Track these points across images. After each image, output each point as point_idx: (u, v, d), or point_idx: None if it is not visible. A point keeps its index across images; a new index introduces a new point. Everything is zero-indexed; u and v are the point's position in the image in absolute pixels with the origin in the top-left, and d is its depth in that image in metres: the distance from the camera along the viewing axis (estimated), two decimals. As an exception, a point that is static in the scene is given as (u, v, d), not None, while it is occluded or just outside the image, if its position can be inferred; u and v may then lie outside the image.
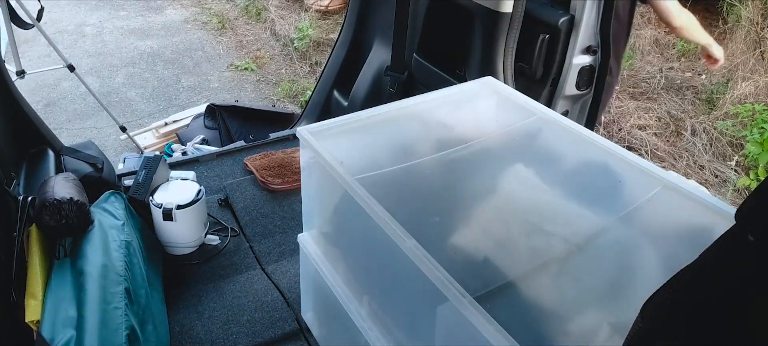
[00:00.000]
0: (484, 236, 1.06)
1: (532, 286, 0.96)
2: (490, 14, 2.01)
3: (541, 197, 1.17)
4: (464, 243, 1.06)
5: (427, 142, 1.35)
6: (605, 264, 1.03)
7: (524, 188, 1.19)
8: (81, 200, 1.61)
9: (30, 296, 1.44)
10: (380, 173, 1.20)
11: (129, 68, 4.53)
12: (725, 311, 0.60)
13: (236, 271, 1.96)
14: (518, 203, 1.15)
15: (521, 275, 0.97)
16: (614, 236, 1.06)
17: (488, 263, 1.00)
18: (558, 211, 1.12)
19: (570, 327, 0.92)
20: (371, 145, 1.36)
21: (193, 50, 4.90)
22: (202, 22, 5.41)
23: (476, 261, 1.01)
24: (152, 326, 1.58)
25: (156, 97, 4.16)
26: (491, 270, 0.98)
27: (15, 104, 2.06)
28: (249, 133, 3.13)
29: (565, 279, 1.00)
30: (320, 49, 4.81)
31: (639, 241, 1.07)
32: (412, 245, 0.99)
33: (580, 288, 0.99)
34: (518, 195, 1.16)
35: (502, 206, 1.15)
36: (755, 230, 0.57)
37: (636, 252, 1.05)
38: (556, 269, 1.00)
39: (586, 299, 0.97)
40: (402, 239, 1.00)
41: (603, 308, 0.95)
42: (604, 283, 1.00)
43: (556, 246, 1.03)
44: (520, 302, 0.94)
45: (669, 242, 1.05)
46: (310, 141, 1.27)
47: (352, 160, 1.21)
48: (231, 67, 4.66)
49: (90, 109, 3.90)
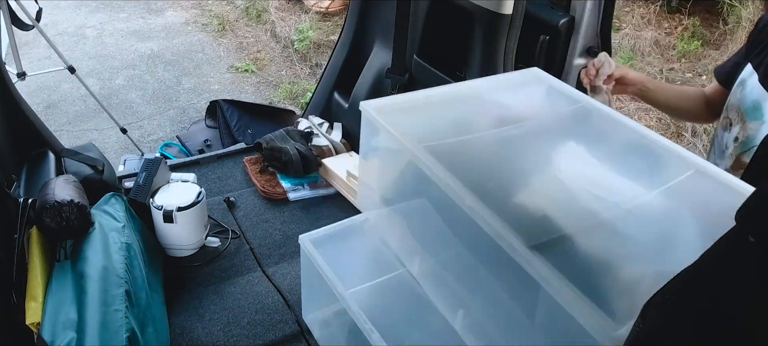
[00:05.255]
0: (541, 197, 1.16)
1: (587, 239, 1.06)
2: (491, 16, 2.01)
3: (592, 170, 1.28)
4: (524, 202, 1.16)
5: (482, 120, 1.46)
6: (650, 226, 1.14)
7: (576, 162, 1.30)
8: (81, 202, 1.61)
9: (30, 298, 1.45)
10: (440, 143, 1.28)
11: (129, 70, 4.54)
12: (726, 311, 0.60)
13: (237, 273, 1.96)
14: (572, 174, 1.26)
15: (577, 230, 1.07)
16: (657, 204, 1.18)
17: (546, 219, 1.10)
18: (607, 182, 1.24)
19: (620, 274, 1.01)
20: (429, 120, 1.45)
21: (193, 52, 4.90)
22: (203, 24, 5.42)
23: (535, 217, 1.10)
24: (152, 329, 1.58)
25: (156, 98, 4.16)
26: (549, 225, 1.08)
27: (15, 106, 2.06)
28: (249, 128, 3.14)
29: (616, 236, 1.11)
30: (320, 50, 4.82)
31: (678, 210, 1.19)
32: (472, 203, 1.08)
33: (628, 244, 1.10)
34: (571, 167, 1.28)
35: (557, 176, 1.26)
36: (755, 231, 0.57)
37: (676, 218, 1.17)
38: (607, 228, 1.11)
39: (634, 253, 1.07)
40: (461, 199, 1.10)
41: (649, 260, 1.05)
42: (650, 241, 1.11)
43: (607, 209, 1.14)
44: (575, 252, 1.03)
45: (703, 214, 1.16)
46: (373, 114, 1.36)
47: (414, 131, 1.30)
48: (231, 69, 4.66)
49: (90, 110, 3.90)
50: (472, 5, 2.07)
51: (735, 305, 0.59)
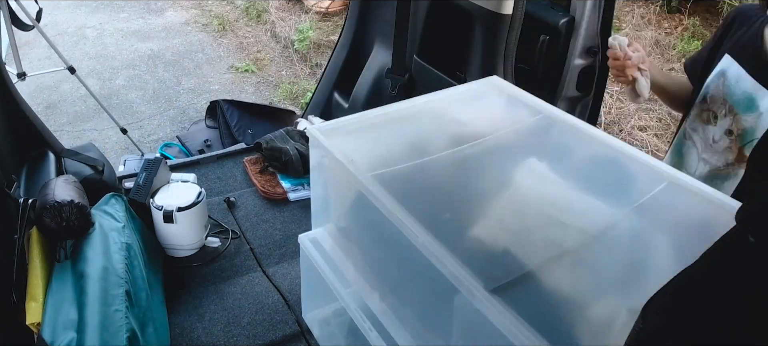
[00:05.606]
0: (501, 228, 1.08)
1: (551, 275, 0.99)
2: (491, 16, 2.01)
3: (555, 190, 1.19)
4: (482, 235, 1.08)
5: (438, 139, 1.37)
6: (620, 253, 1.06)
7: (539, 181, 1.21)
8: (82, 203, 1.61)
9: (30, 298, 1.45)
10: (392, 170, 1.21)
11: (129, 70, 4.54)
12: (726, 312, 0.60)
13: (237, 273, 1.96)
14: (534, 196, 1.17)
15: (539, 264, 0.99)
16: (627, 226, 1.09)
17: (507, 254, 1.02)
18: (572, 203, 1.15)
19: (589, 313, 0.95)
20: (382, 142, 1.37)
21: (193, 52, 4.90)
22: (203, 24, 5.42)
23: (495, 253, 1.03)
24: (153, 329, 1.58)
25: (156, 98, 4.16)
26: (510, 261, 1.01)
27: (15, 106, 2.07)
28: (249, 128, 3.14)
29: (583, 268, 1.03)
30: (321, 50, 4.82)
31: (651, 231, 1.10)
32: (425, 241, 1.00)
33: (597, 276, 1.02)
34: (533, 188, 1.19)
35: (518, 199, 1.18)
36: (755, 231, 0.57)
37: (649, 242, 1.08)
38: (573, 259, 1.03)
39: (604, 287, 1.00)
40: (414, 235, 1.02)
41: (621, 294, 0.98)
42: (621, 271, 1.03)
43: (573, 236, 1.06)
44: (540, 290, 0.96)
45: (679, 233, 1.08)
46: (320, 139, 1.28)
47: (364, 158, 1.22)
48: (231, 69, 4.66)
49: (90, 111, 3.90)
50: (472, 5, 2.07)
51: (735, 306, 0.59)
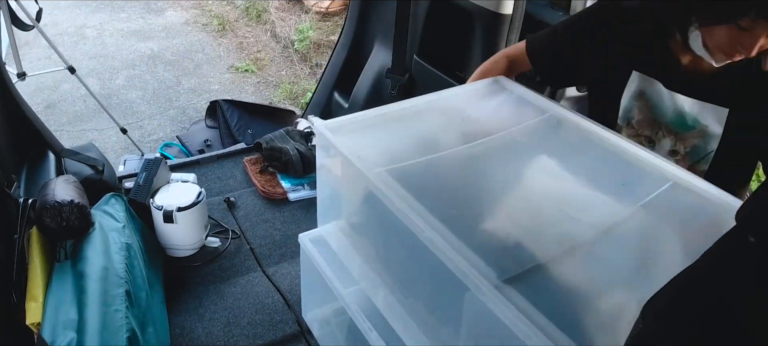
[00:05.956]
0: (512, 223, 1.09)
1: (562, 268, 1.00)
2: (491, 16, 2.01)
3: (565, 187, 1.21)
4: (494, 230, 1.09)
5: (446, 137, 1.36)
6: (630, 248, 1.08)
7: (549, 177, 1.22)
8: (82, 203, 1.61)
9: (31, 298, 1.45)
10: (401, 166, 1.21)
11: (129, 70, 4.54)
12: (726, 312, 0.60)
13: (237, 273, 1.96)
14: (544, 192, 1.19)
15: (551, 258, 1.00)
16: (636, 222, 1.11)
17: (519, 247, 1.03)
18: (582, 199, 1.17)
19: (599, 305, 0.96)
20: (389, 139, 1.37)
21: (193, 52, 4.90)
22: (203, 24, 5.42)
23: (507, 246, 1.04)
24: (153, 329, 1.58)
25: (156, 98, 4.16)
26: (522, 254, 1.02)
27: (15, 106, 2.07)
28: (249, 128, 3.14)
29: (593, 261, 1.04)
30: (321, 50, 4.82)
31: (659, 227, 1.13)
32: (436, 233, 1.01)
33: (607, 269, 1.03)
34: (544, 184, 1.20)
35: (529, 195, 1.19)
36: (756, 231, 0.57)
37: (658, 237, 1.10)
38: (584, 253, 1.04)
39: (614, 280, 1.01)
40: (426, 228, 1.03)
41: (630, 287, 0.99)
42: (630, 264, 1.05)
43: (583, 232, 1.07)
44: (551, 282, 0.98)
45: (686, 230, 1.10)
46: (328, 136, 1.28)
47: (371, 154, 1.22)
48: (231, 69, 4.66)
49: (90, 111, 3.90)
50: (472, 5, 2.07)
51: (735, 305, 0.59)
